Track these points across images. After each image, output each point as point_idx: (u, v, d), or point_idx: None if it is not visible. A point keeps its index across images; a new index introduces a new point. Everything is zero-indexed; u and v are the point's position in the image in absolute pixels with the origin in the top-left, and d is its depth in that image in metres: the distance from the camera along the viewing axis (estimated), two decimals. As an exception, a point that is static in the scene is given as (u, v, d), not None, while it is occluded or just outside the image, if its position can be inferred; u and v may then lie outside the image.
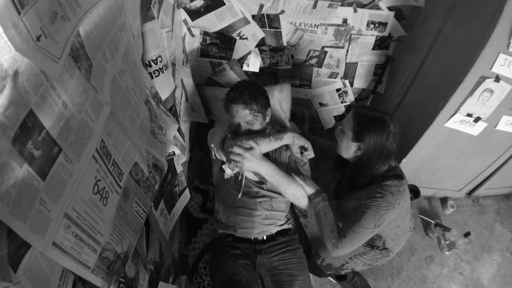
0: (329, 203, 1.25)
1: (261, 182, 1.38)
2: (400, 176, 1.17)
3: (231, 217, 1.39)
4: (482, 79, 1.24)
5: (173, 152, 1.10)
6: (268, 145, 1.29)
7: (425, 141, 1.55)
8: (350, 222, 1.16)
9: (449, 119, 1.41)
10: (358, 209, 1.15)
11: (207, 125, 1.92)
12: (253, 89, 1.34)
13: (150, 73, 1.03)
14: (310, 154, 1.35)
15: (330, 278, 1.80)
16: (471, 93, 1.29)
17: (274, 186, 1.28)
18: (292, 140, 1.32)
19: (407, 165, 1.73)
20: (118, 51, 0.68)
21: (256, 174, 1.37)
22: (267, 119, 1.40)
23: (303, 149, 1.36)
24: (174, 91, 1.42)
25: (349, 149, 1.21)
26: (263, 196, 1.37)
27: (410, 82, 1.63)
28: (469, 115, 1.40)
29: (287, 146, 1.40)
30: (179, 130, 1.56)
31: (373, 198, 1.14)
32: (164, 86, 1.11)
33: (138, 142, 0.74)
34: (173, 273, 1.52)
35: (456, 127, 1.45)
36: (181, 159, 1.44)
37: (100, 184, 0.60)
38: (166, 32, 1.27)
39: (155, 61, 1.03)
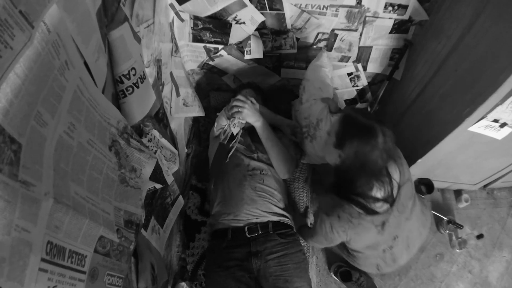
0: None
1: (252, 151, 1.48)
2: (368, 211, 1.03)
3: (223, 198, 1.40)
4: (515, 88, 1.05)
5: (153, 187, 0.96)
6: (265, 111, 1.54)
7: (445, 144, 1.38)
8: (313, 227, 1.23)
9: (474, 124, 1.25)
10: (316, 219, 1.20)
11: (206, 115, 1.76)
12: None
13: (122, 90, 0.85)
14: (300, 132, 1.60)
15: (335, 277, 1.75)
16: (502, 101, 1.12)
17: (263, 140, 1.41)
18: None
19: (423, 163, 1.58)
20: (62, 102, 0.51)
21: (246, 144, 1.52)
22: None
23: (295, 128, 1.61)
24: (160, 92, 1.25)
25: (331, 155, 1.07)
26: (253, 169, 1.43)
27: (433, 74, 1.41)
28: (496, 120, 1.25)
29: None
30: (169, 131, 1.41)
31: (323, 213, 1.11)
32: (140, 104, 0.93)
33: (103, 207, 0.60)
34: (171, 281, 1.47)
35: (480, 131, 1.30)
36: (171, 169, 1.31)
37: (55, 290, 0.48)
38: (145, 28, 1.06)
39: (127, 76, 0.85)
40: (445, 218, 1.85)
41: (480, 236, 1.77)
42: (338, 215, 1.04)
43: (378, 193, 1.04)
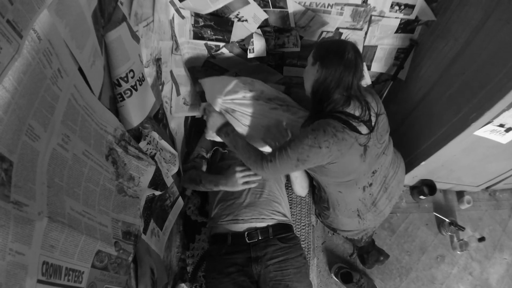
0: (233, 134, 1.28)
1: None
2: (351, 127, 1.06)
3: (221, 199, 1.37)
4: (523, 94, 1.03)
5: (153, 194, 0.94)
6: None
7: (450, 147, 1.36)
8: (279, 147, 1.15)
9: (479, 129, 1.23)
10: (291, 137, 1.17)
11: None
12: None
13: (120, 93, 0.82)
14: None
15: (335, 278, 1.74)
16: (509, 107, 1.10)
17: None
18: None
19: (426, 166, 1.56)
20: (55, 113, 0.48)
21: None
22: None
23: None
24: (160, 92, 1.22)
25: (309, 75, 1.17)
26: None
27: (439, 75, 1.38)
28: (501, 125, 1.24)
29: None
30: (169, 132, 1.38)
31: (309, 129, 1.08)
32: (139, 107, 0.90)
33: (100, 220, 0.58)
34: (171, 282, 1.45)
35: (486, 135, 1.28)
36: (171, 171, 1.28)
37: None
38: (144, 26, 1.02)
39: (125, 79, 0.82)
40: (447, 220, 1.83)
41: (481, 239, 1.76)
42: (323, 129, 1.05)
43: (356, 111, 1.10)
